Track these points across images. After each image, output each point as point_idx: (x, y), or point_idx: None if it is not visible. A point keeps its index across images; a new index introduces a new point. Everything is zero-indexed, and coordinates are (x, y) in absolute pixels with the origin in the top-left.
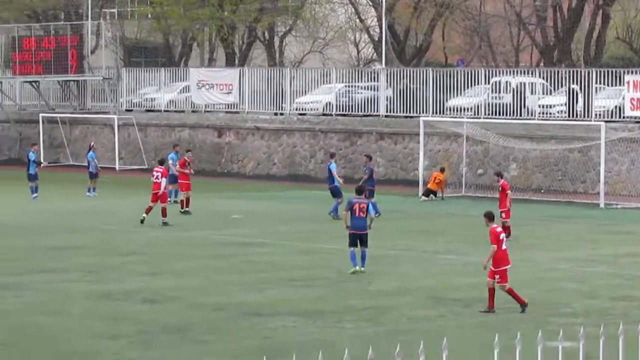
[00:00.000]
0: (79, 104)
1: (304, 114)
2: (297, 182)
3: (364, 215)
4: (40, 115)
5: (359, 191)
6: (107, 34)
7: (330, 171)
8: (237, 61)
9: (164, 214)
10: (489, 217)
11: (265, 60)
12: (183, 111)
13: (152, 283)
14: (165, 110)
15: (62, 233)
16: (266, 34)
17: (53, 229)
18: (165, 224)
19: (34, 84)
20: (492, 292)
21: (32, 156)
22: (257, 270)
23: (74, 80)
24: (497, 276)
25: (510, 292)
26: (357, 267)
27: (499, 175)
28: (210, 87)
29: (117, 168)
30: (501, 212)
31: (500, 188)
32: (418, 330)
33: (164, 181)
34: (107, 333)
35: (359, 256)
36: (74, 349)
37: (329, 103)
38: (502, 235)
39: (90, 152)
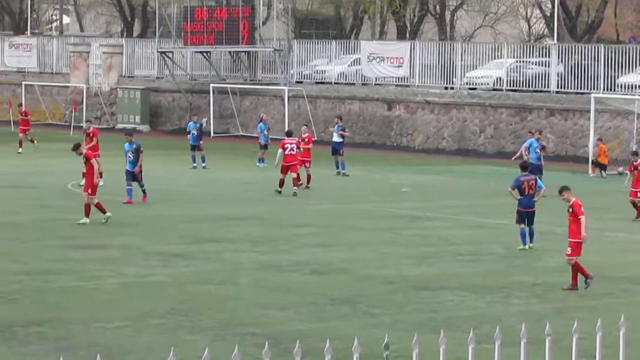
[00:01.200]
0: (250, 75)
1: (474, 89)
2: (466, 157)
3: (533, 193)
4: (211, 85)
5: (524, 167)
6: (279, 6)
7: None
8: (408, 34)
9: (295, 182)
10: (568, 189)
11: (435, 34)
12: (353, 84)
13: (321, 255)
14: (335, 83)
15: (232, 203)
16: (437, 7)
17: (223, 199)
18: (295, 194)
19: (205, 54)
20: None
21: (191, 126)
22: (426, 244)
23: (244, 51)
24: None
25: (576, 265)
26: (527, 246)
27: (636, 154)
28: (381, 60)
29: None
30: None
31: (635, 167)
32: (586, 308)
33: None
34: (275, 304)
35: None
36: (242, 318)
37: (500, 78)
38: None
39: (261, 124)
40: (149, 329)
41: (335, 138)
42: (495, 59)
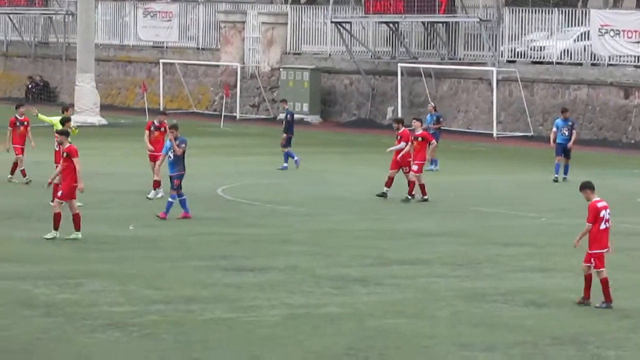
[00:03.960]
0: (448, 52)
1: None
2: None
3: None
4: (399, 65)
5: None
6: None
7: None
8: None
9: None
10: (590, 187)
11: None
12: (580, 64)
13: (539, 282)
14: (557, 63)
15: (424, 216)
16: None
17: (413, 210)
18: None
19: (391, 25)
20: (588, 279)
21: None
22: None
23: (442, 22)
24: (592, 259)
25: (604, 282)
26: None
27: None
28: (616, 34)
29: (494, 134)
30: None
31: None
32: None
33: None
34: (480, 343)
35: None
36: None
37: None
38: (604, 213)
39: (427, 116)
40: None
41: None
42: None
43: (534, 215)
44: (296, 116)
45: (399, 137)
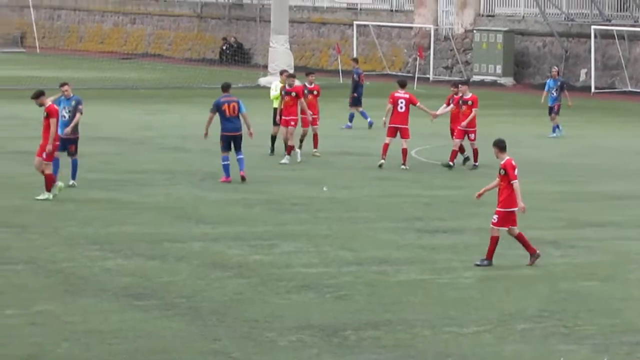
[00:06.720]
0: None
1: None
2: None
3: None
4: (592, 27)
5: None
6: None
7: None
8: None
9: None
10: (500, 146)
11: None
12: None
13: None
14: None
15: (618, 178)
16: None
17: (608, 172)
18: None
19: None
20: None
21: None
22: None
23: None
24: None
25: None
26: None
27: None
28: None
29: None
30: None
31: None
32: None
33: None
34: None
35: None
36: (632, 324)
37: None
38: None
39: (549, 80)
40: (514, 336)
41: None
42: None
43: None
44: (490, 78)
45: (460, 102)
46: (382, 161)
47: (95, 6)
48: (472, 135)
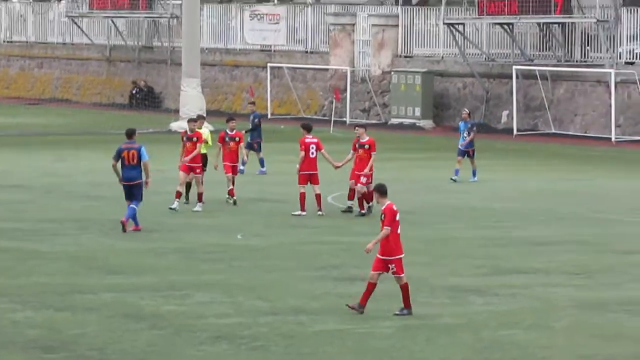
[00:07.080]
0: (564, 54)
1: None
2: None
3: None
4: (514, 67)
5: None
6: None
7: None
8: None
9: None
10: (381, 191)
11: None
12: None
13: None
14: None
15: (541, 222)
16: None
17: (529, 216)
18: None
19: (506, 27)
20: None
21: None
22: None
23: (558, 23)
24: (391, 265)
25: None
26: None
27: None
28: None
29: (612, 139)
30: None
31: None
32: None
33: None
34: (599, 355)
35: None
36: None
37: None
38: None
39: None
40: None
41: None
42: None
43: None
44: (408, 121)
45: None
46: (304, 213)
47: (1, 50)
48: (364, 179)
